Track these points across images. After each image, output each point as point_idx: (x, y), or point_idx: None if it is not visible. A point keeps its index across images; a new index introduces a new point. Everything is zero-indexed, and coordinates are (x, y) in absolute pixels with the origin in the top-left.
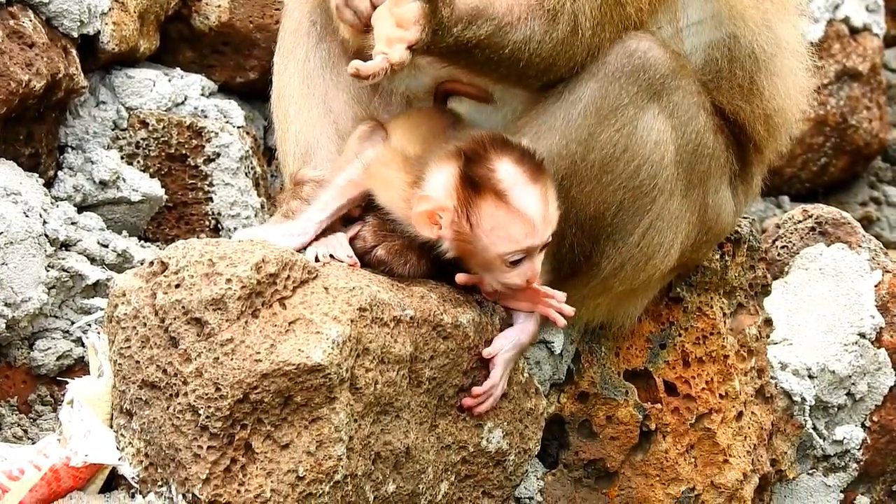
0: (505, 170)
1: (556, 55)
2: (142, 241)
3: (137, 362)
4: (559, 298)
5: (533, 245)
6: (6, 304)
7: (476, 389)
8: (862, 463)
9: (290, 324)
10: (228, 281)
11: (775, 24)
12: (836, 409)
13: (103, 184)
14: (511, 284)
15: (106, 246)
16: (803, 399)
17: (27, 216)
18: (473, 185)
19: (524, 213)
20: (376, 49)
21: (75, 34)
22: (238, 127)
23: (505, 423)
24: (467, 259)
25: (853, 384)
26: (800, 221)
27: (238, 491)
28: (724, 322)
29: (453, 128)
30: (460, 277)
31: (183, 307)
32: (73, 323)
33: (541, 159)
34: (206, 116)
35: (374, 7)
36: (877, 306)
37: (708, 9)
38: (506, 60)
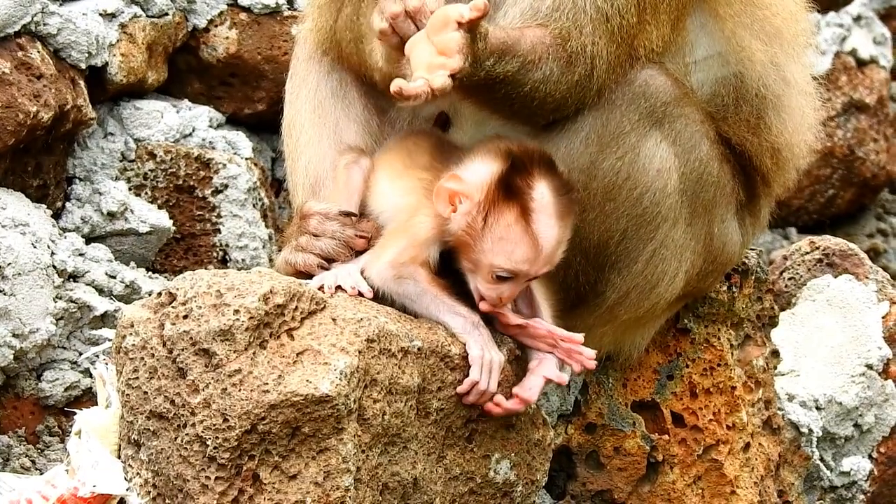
0: (541, 192)
1: (568, 96)
2: (150, 273)
3: (145, 393)
4: (578, 340)
5: (524, 271)
6: (14, 335)
7: (511, 405)
8: (869, 494)
9: (297, 355)
10: (236, 312)
11: (784, 64)
12: (843, 440)
13: (111, 215)
14: (484, 295)
15: (114, 277)
16: (810, 430)
17: (35, 247)
18: (507, 190)
19: (536, 240)
20: (416, 75)
21: (83, 66)
22: (246, 158)
23: (513, 455)
24: (461, 252)
25: (860, 416)
26: (807, 253)
27: None
28: (732, 353)
29: (437, 145)
30: (483, 306)
31: (191, 338)
32: (80, 354)
33: (575, 196)
34: (213, 148)
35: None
36: (884, 338)
37: (715, 47)
38: (521, 98)
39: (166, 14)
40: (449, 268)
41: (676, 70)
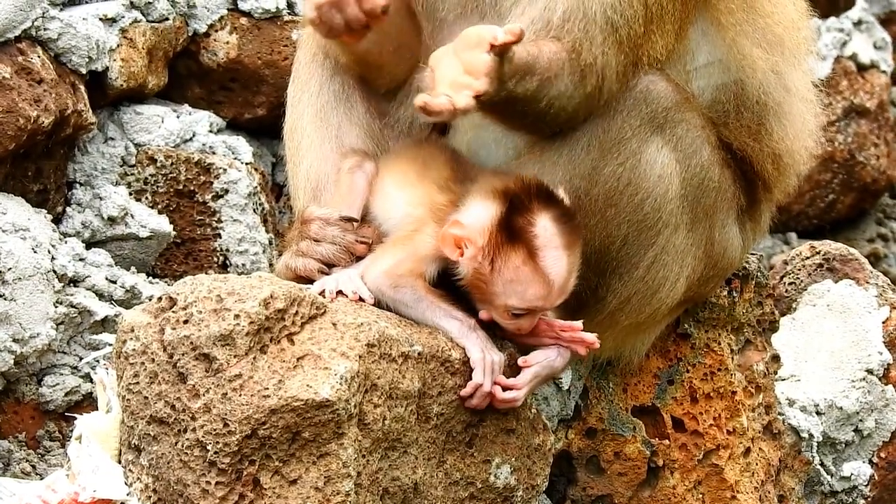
0: (543, 227)
1: (580, 108)
2: (150, 278)
3: (146, 398)
4: (577, 327)
5: (539, 306)
6: (14, 340)
7: (504, 381)
8: (870, 499)
9: (298, 359)
10: (237, 316)
11: (785, 72)
12: (843, 445)
13: (111, 220)
14: (503, 327)
15: (114, 282)
16: (811, 435)
17: (35, 252)
18: (509, 232)
19: (547, 276)
20: (439, 90)
21: (84, 70)
22: (246, 163)
23: (513, 459)
24: (474, 290)
25: (861, 420)
26: (807, 258)
27: None
28: (732, 358)
29: (453, 160)
30: (483, 314)
31: (191, 343)
32: (81, 359)
33: (578, 222)
34: (214, 153)
35: (365, 12)
36: (884, 342)
37: (716, 53)
38: (536, 113)
39: (167, 19)
40: (444, 276)
41: (677, 77)
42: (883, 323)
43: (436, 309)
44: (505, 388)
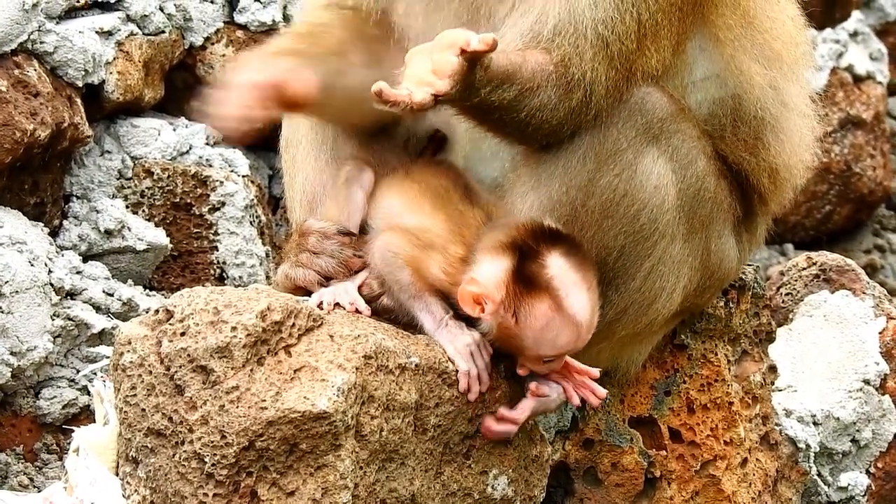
0: (556, 265)
1: (564, 122)
2: (147, 290)
3: (143, 410)
4: (593, 376)
5: (572, 350)
6: (12, 353)
7: (506, 413)
8: None
9: (295, 371)
10: (234, 329)
11: (783, 88)
12: (840, 455)
13: (108, 233)
14: (536, 372)
15: (111, 295)
16: (808, 446)
17: (32, 265)
18: (526, 282)
19: (574, 319)
20: (403, 84)
21: (80, 83)
22: (243, 176)
23: (510, 471)
24: (502, 344)
25: (858, 431)
26: (804, 269)
27: None
28: (729, 369)
29: (455, 180)
30: (521, 371)
31: (188, 355)
32: (78, 371)
33: (585, 250)
34: (210, 165)
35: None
36: (881, 353)
37: (714, 68)
38: (517, 123)
39: (163, 32)
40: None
41: (674, 91)
42: (879, 333)
43: (417, 300)
44: (501, 420)
